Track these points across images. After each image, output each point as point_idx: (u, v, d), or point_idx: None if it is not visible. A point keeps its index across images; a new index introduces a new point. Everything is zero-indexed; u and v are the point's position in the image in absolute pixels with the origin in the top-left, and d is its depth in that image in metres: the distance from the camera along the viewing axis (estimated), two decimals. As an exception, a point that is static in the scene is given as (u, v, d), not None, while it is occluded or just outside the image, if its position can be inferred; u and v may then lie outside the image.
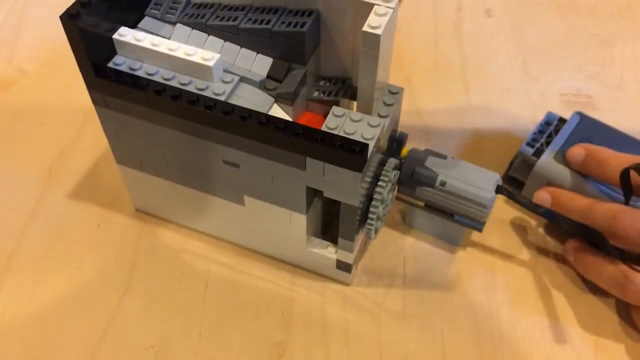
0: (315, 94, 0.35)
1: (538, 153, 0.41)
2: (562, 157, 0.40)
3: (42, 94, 0.49)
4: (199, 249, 0.40)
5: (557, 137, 0.41)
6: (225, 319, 0.37)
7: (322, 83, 0.36)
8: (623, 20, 0.56)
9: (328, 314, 0.38)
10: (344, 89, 0.35)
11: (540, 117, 0.44)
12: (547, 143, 0.41)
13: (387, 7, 0.30)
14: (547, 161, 0.40)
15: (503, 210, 0.42)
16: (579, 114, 0.42)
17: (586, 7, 0.58)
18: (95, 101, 0.34)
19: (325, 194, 0.32)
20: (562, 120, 0.42)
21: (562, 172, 0.40)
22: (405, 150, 0.38)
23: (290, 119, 0.34)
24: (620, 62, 0.53)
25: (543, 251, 0.41)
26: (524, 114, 0.49)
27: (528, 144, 0.42)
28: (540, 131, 0.42)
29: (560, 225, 0.39)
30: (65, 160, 0.45)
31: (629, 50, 0.54)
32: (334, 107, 0.33)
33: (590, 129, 0.41)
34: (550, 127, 0.42)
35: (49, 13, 0.56)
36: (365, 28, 0.30)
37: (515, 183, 0.44)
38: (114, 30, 0.33)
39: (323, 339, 0.37)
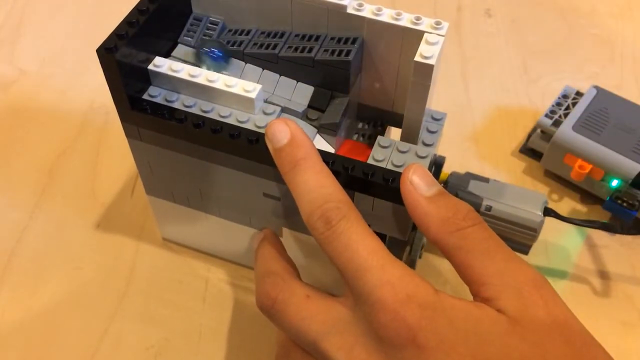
0: (355, 137, 0.34)
1: (556, 124, 0.42)
2: (579, 127, 0.41)
3: (42, 94, 0.49)
4: (199, 250, 0.40)
5: (575, 109, 0.42)
6: (225, 319, 0.37)
7: (360, 126, 0.34)
8: (623, 20, 0.56)
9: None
10: (382, 130, 0.34)
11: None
12: (565, 115, 0.43)
13: (438, 34, 0.29)
14: (565, 131, 0.41)
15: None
16: (596, 87, 0.44)
17: (586, 7, 0.58)
18: (128, 134, 0.33)
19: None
20: (579, 94, 0.44)
21: (580, 142, 0.41)
22: (444, 174, 0.37)
23: (333, 151, 0.32)
24: (620, 62, 0.53)
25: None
26: (524, 114, 0.49)
27: (546, 116, 0.43)
28: (558, 104, 0.44)
29: (620, 233, 0.38)
30: (65, 160, 0.45)
31: (629, 50, 0.54)
32: (379, 137, 0.31)
33: (606, 102, 0.43)
34: (568, 100, 0.44)
35: (49, 13, 0.56)
36: (417, 58, 0.28)
37: (533, 154, 0.45)
38: (149, 60, 0.31)
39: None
